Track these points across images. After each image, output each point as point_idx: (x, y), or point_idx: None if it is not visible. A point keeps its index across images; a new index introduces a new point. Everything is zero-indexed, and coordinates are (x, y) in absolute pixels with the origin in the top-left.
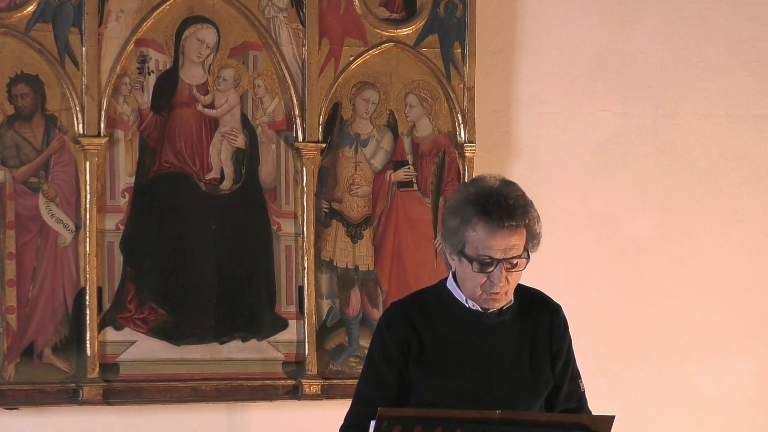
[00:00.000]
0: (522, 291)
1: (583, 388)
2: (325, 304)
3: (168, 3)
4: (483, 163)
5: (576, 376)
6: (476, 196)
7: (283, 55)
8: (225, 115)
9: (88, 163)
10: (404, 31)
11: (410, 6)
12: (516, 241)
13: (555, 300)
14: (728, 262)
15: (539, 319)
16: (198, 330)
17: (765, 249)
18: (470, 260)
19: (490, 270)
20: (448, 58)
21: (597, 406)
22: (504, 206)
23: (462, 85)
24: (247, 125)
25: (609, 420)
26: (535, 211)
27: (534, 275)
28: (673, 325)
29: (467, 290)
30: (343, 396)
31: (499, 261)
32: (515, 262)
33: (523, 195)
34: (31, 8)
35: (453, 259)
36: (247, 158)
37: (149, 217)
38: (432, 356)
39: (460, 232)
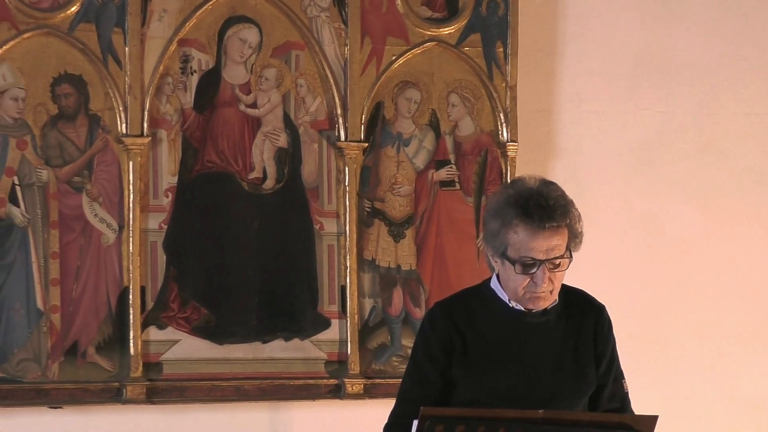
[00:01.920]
0: (566, 291)
1: (627, 389)
2: (368, 304)
3: (210, 3)
4: (525, 162)
5: (620, 376)
6: (516, 197)
7: (326, 55)
8: (267, 114)
9: (131, 163)
10: (446, 30)
11: (452, 5)
12: (558, 241)
13: (597, 299)
14: None
15: (583, 320)
16: (241, 329)
17: None
18: (513, 262)
19: (533, 271)
20: (491, 57)
21: (639, 406)
22: (544, 207)
23: (504, 84)
24: (289, 125)
25: (652, 420)
26: (576, 210)
27: (575, 274)
28: (716, 324)
29: (510, 291)
30: (385, 395)
31: (541, 262)
32: (558, 262)
33: (563, 195)
34: (74, 8)
35: (496, 262)
36: (289, 158)
37: (192, 216)
38: (475, 355)
39: (501, 235)
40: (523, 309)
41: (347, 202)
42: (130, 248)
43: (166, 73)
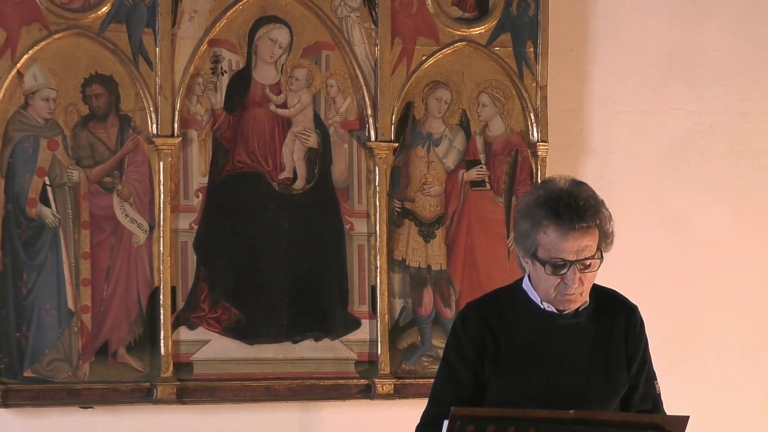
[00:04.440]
0: (598, 291)
1: (659, 390)
2: (398, 304)
3: (241, 3)
4: (555, 162)
5: (652, 377)
6: (546, 198)
7: (356, 55)
8: (298, 114)
9: (161, 163)
10: (477, 30)
11: (482, 5)
12: (588, 242)
13: (629, 300)
14: None
15: (615, 320)
16: (271, 329)
17: None
18: (543, 263)
19: (563, 272)
20: (521, 56)
21: (670, 406)
22: (574, 208)
23: (534, 84)
24: (319, 125)
25: (683, 420)
26: (607, 210)
27: (606, 275)
28: (746, 324)
29: (541, 292)
30: (415, 395)
31: (572, 263)
32: (588, 263)
33: (593, 195)
34: (105, 9)
35: (526, 262)
36: (319, 158)
37: (222, 216)
38: (507, 356)
39: (531, 236)
40: (554, 310)
41: (377, 203)
42: (161, 248)
43: (196, 74)
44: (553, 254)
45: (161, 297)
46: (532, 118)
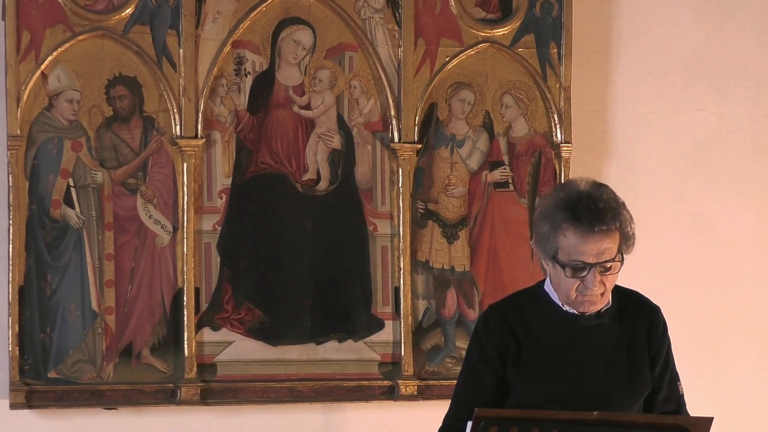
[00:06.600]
0: (620, 293)
1: (682, 391)
2: (421, 305)
3: (264, 4)
4: (579, 163)
5: (675, 378)
6: (566, 201)
7: (379, 56)
8: (321, 116)
9: (185, 165)
10: (500, 32)
11: (506, 6)
12: (608, 244)
13: (652, 301)
14: None
15: (638, 321)
16: (294, 330)
17: None
18: (563, 266)
19: (583, 275)
20: (544, 58)
21: (694, 408)
22: (594, 210)
23: (558, 85)
24: (343, 126)
25: (707, 422)
26: (628, 212)
27: (629, 276)
28: None
29: (562, 294)
30: (439, 397)
31: (592, 266)
32: (609, 265)
33: (614, 197)
34: (129, 10)
35: (547, 264)
36: (343, 159)
37: (246, 217)
38: (529, 358)
39: (551, 238)
40: (576, 312)
41: (401, 204)
42: (185, 250)
43: (220, 75)
44: (573, 257)
45: (185, 298)
46: (556, 119)
